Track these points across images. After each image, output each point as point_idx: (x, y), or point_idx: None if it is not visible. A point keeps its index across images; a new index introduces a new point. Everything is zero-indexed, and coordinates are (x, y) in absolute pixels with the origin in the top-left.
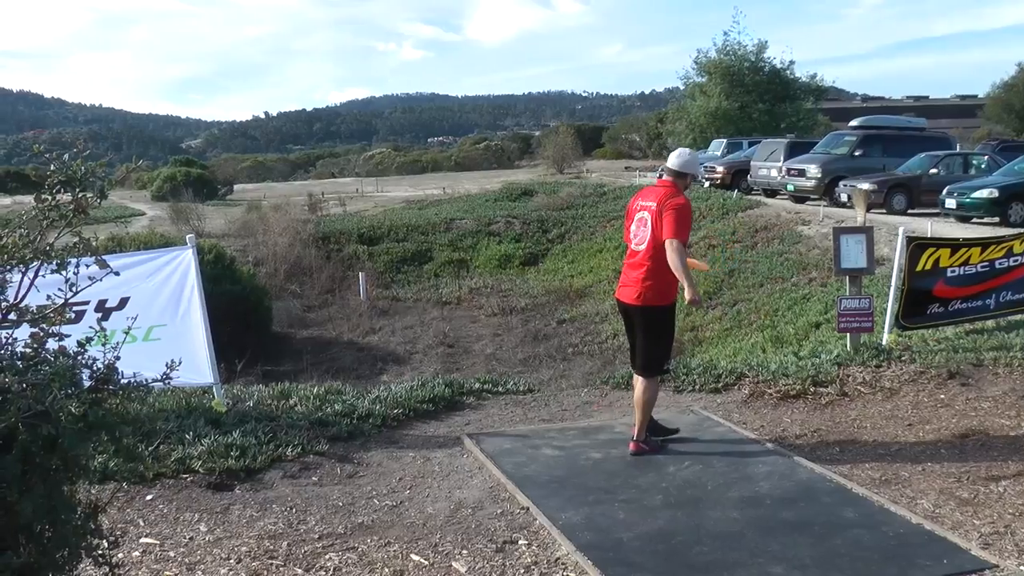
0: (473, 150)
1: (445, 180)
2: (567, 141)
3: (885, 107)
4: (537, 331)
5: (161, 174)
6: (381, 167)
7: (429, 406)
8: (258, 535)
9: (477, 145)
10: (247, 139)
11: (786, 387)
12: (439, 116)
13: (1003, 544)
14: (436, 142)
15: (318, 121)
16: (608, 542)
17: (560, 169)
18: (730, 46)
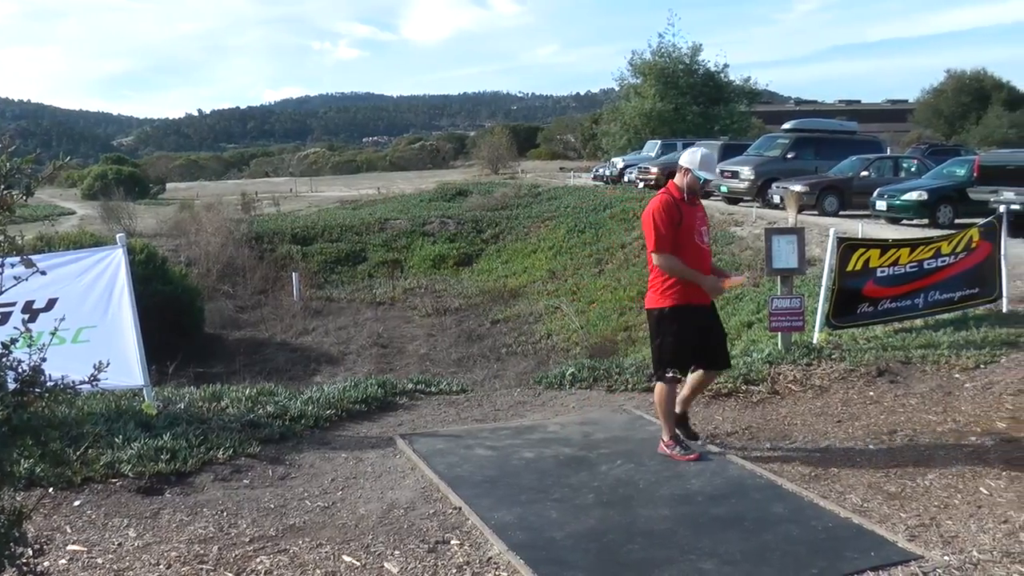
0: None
1: (380, 180)
2: (502, 141)
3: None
4: (471, 331)
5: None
6: (315, 167)
7: (362, 407)
8: (188, 539)
9: (412, 145)
10: (180, 137)
11: (718, 386)
12: (374, 116)
13: (928, 536)
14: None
15: (252, 120)
16: (540, 541)
17: (495, 169)
18: (665, 48)
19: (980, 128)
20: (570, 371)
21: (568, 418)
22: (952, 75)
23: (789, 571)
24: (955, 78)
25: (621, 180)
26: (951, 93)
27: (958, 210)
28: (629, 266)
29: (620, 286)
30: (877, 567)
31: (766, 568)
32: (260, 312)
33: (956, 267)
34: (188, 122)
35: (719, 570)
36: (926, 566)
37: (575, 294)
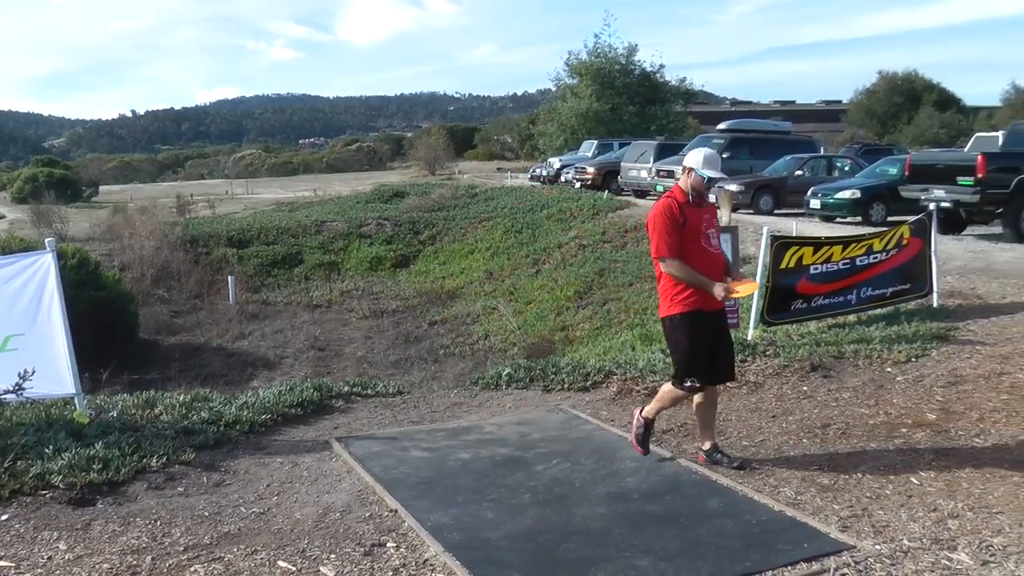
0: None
1: (316, 182)
2: (439, 142)
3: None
4: (408, 333)
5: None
6: (251, 168)
7: (297, 410)
8: (121, 551)
9: (349, 146)
10: (113, 138)
11: (653, 383)
12: (310, 117)
13: (860, 526)
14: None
15: (187, 121)
16: (476, 542)
17: (432, 170)
18: (601, 49)
19: (912, 128)
20: (506, 371)
21: (504, 418)
22: (884, 76)
23: (723, 564)
24: (887, 79)
25: (558, 180)
26: (883, 94)
27: (890, 208)
28: (566, 266)
29: (557, 286)
30: (810, 558)
31: (701, 562)
32: (196, 317)
33: (888, 263)
34: (121, 123)
35: (655, 566)
36: (858, 556)
37: (512, 294)
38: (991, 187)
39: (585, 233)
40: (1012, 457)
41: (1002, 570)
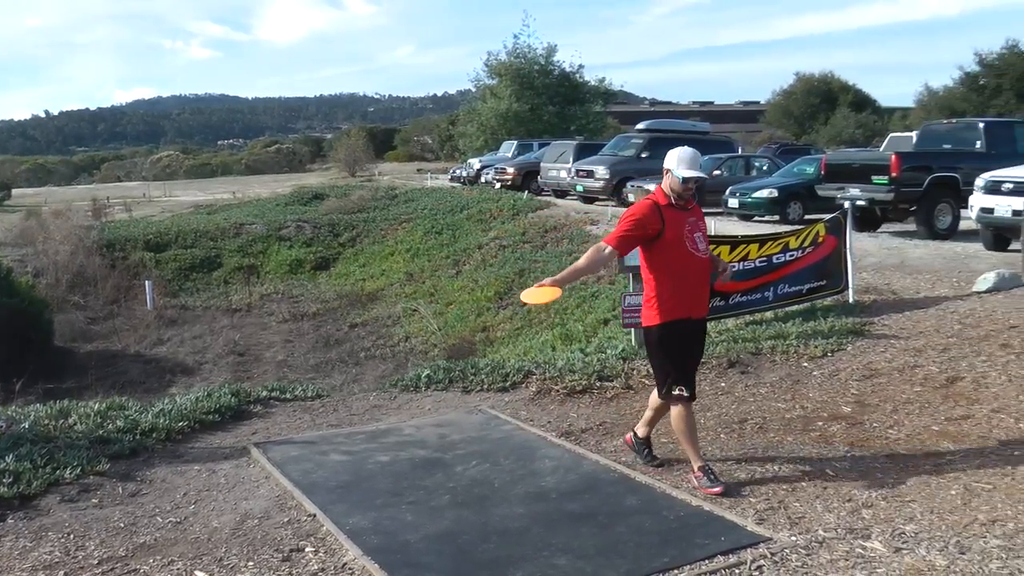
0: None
1: (235, 184)
2: (359, 144)
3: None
4: (329, 336)
5: None
6: (169, 170)
7: (215, 417)
8: (32, 566)
9: (268, 148)
10: (26, 139)
11: (572, 383)
12: (229, 118)
13: (777, 518)
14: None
15: (103, 121)
16: (395, 544)
17: (352, 172)
18: (520, 49)
19: (828, 128)
20: (426, 373)
21: (424, 420)
22: (801, 78)
23: (641, 561)
24: (804, 80)
25: (478, 181)
26: (800, 95)
27: (807, 206)
28: (486, 267)
29: (478, 287)
30: (727, 551)
31: (619, 560)
32: (113, 323)
33: (804, 261)
34: (34, 124)
35: (573, 565)
36: (774, 547)
37: (433, 296)
38: (905, 186)
39: (505, 234)
40: (924, 447)
41: (914, 556)
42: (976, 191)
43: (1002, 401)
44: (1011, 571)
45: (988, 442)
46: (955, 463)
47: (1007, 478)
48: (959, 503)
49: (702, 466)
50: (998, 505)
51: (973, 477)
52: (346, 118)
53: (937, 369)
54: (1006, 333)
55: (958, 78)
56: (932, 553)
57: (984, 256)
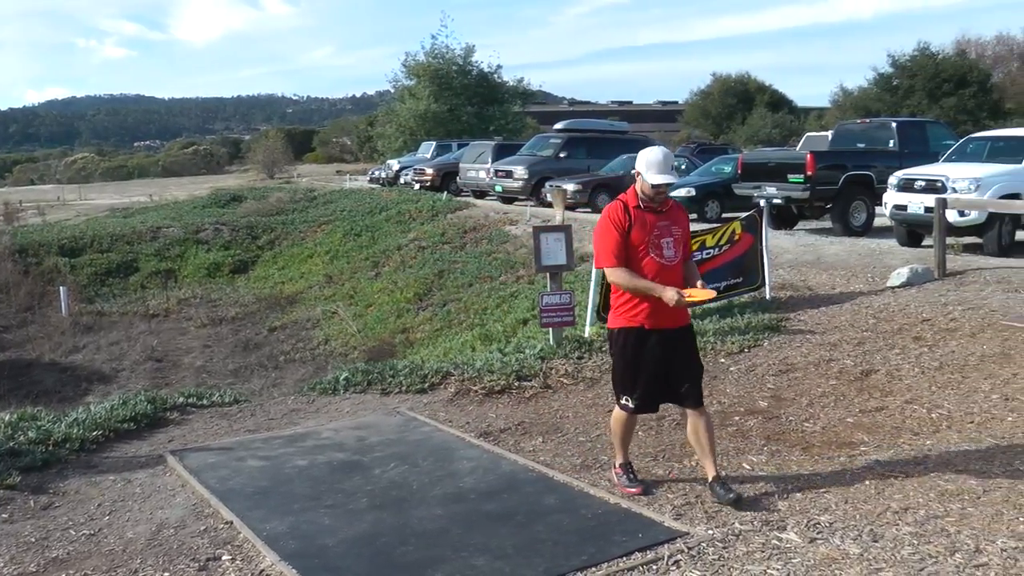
0: (181, 155)
1: (152, 186)
2: (277, 145)
3: (592, 111)
4: (248, 340)
5: None
6: (84, 173)
7: (131, 425)
8: None
9: (185, 149)
10: None
11: (491, 383)
12: (145, 119)
13: (694, 513)
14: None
15: (14, 123)
16: (313, 549)
17: (271, 174)
18: (438, 50)
19: (746, 128)
20: (344, 376)
21: (342, 423)
22: (718, 78)
23: (559, 559)
24: (721, 81)
25: (397, 182)
26: (718, 95)
27: (724, 205)
28: (406, 268)
29: (397, 288)
30: (644, 548)
31: (537, 559)
32: (26, 331)
33: (721, 258)
34: None
35: (491, 564)
36: (691, 542)
37: (352, 298)
38: (820, 184)
39: (424, 235)
40: (839, 439)
41: (828, 545)
42: (890, 189)
43: (915, 392)
44: (922, 556)
45: (901, 433)
46: (869, 454)
47: (920, 467)
48: (873, 492)
49: (624, 463)
50: (911, 493)
51: (887, 467)
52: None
53: (852, 363)
54: (919, 326)
55: (872, 79)
56: (846, 542)
57: (898, 252)
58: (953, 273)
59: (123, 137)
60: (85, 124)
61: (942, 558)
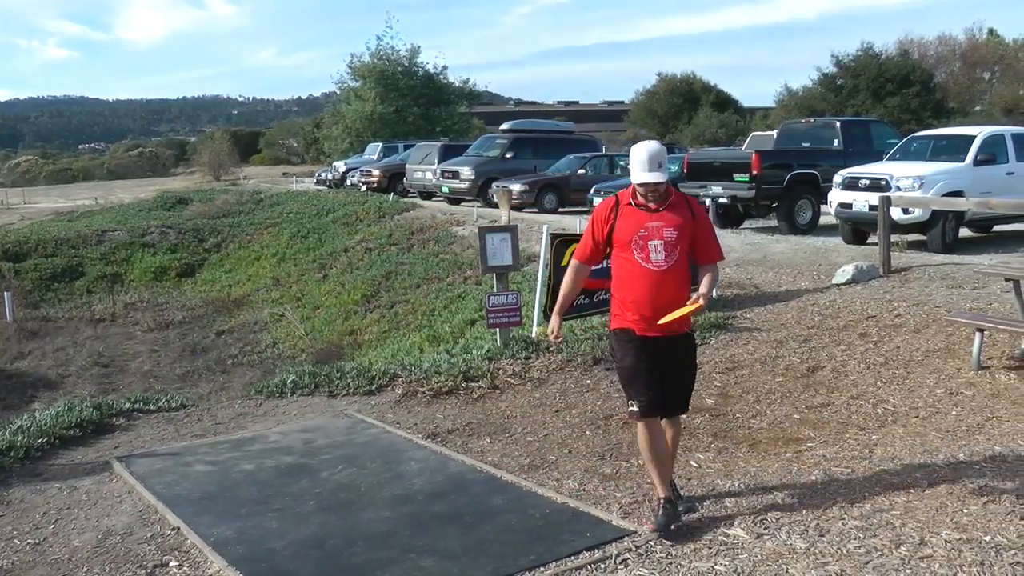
0: (126, 157)
1: (97, 189)
2: (223, 147)
3: (538, 111)
4: (195, 344)
5: None
6: (28, 176)
7: (77, 431)
8: None
9: (131, 152)
10: None
11: (439, 384)
12: (90, 121)
13: (642, 512)
14: (87, 148)
15: None
16: (260, 553)
17: (217, 176)
18: (383, 50)
19: (692, 127)
20: (291, 379)
21: (289, 426)
22: (664, 78)
23: (508, 560)
24: (666, 81)
25: (344, 184)
26: (663, 95)
27: None
28: (353, 270)
29: (344, 290)
30: (592, 546)
31: (485, 559)
32: None
33: None
34: None
35: (439, 566)
36: (639, 540)
37: (300, 300)
38: (766, 183)
39: (372, 236)
40: (785, 435)
41: (775, 541)
42: (835, 187)
43: (860, 388)
44: (868, 550)
45: (847, 428)
46: (815, 449)
47: (865, 461)
48: (819, 487)
49: (666, 498)
50: (856, 488)
51: (833, 462)
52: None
53: (798, 359)
54: (864, 323)
55: (816, 79)
56: (793, 537)
57: (843, 250)
58: (898, 270)
59: (67, 139)
60: (28, 126)
61: (887, 551)
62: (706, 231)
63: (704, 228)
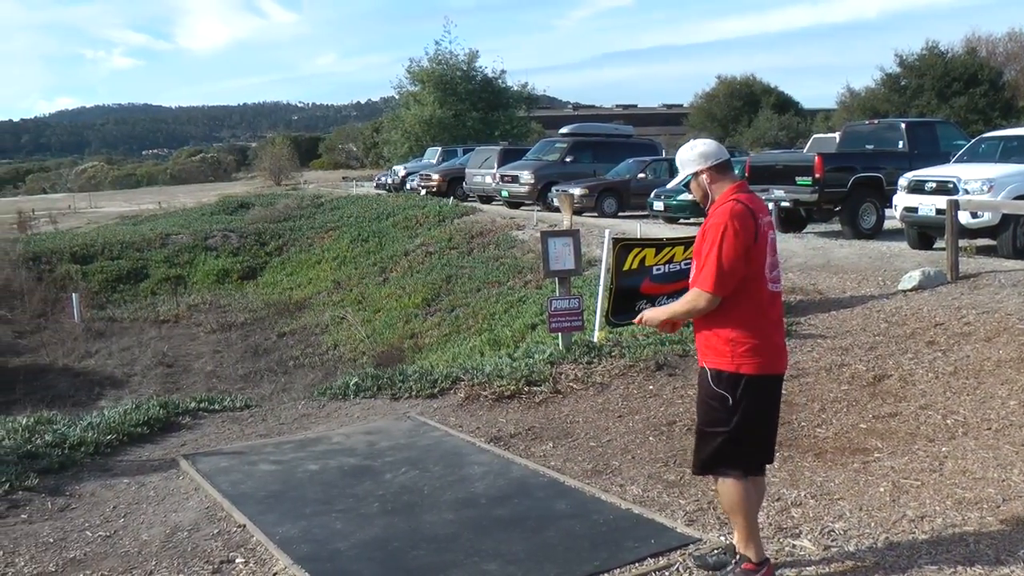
0: (189, 162)
1: (161, 194)
2: (284, 152)
3: (596, 115)
4: (257, 345)
5: None
6: (94, 181)
7: (144, 429)
8: None
9: (193, 157)
10: None
11: (501, 388)
12: (153, 127)
13: (706, 519)
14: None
15: (26, 133)
16: (325, 553)
17: (278, 181)
18: (442, 55)
19: (752, 131)
20: (354, 381)
21: (353, 428)
22: (723, 81)
23: (572, 565)
24: (726, 83)
25: (403, 188)
26: (723, 97)
27: None
28: (413, 273)
29: (405, 293)
30: (656, 553)
31: (549, 564)
32: (40, 336)
33: None
34: None
35: (503, 570)
36: (704, 548)
37: (360, 303)
38: (829, 186)
39: (432, 240)
40: (852, 445)
41: (843, 553)
42: (899, 191)
43: (929, 398)
44: (939, 566)
45: (916, 439)
46: (883, 460)
47: (935, 474)
48: (888, 500)
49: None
50: (926, 501)
51: (901, 474)
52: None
53: (864, 367)
54: (932, 330)
55: (879, 79)
56: (861, 550)
57: (909, 255)
58: (966, 276)
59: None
60: (94, 133)
61: (961, 569)
62: (703, 247)
63: (704, 244)
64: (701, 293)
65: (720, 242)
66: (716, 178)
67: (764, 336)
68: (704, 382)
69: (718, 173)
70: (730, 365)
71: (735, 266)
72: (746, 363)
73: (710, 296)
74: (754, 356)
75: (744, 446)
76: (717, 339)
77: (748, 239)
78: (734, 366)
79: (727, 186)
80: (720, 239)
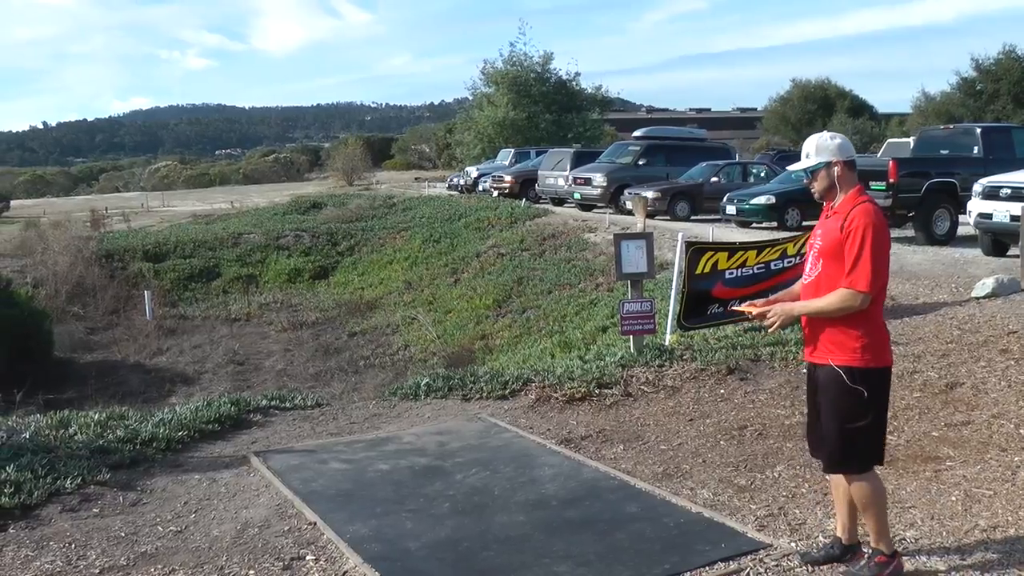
0: (262, 163)
1: (233, 194)
2: (356, 153)
3: (670, 118)
4: (328, 345)
5: None
6: (167, 180)
7: (215, 426)
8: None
9: (266, 158)
10: (24, 151)
11: (572, 390)
12: (226, 128)
13: (777, 525)
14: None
15: (101, 132)
16: (396, 552)
17: (350, 181)
18: (516, 57)
19: None
20: (425, 381)
21: (423, 428)
22: (797, 84)
23: (642, 568)
24: (800, 87)
25: (476, 189)
26: (797, 101)
27: (805, 213)
28: (485, 275)
29: (476, 295)
30: (727, 558)
31: (619, 567)
32: (112, 333)
33: (802, 267)
34: (33, 135)
35: (573, 572)
36: (774, 553)
37: (431, 304)
38: (903, 191)
39: (503, 242)
40: (924, 453)
41: (914, 562)
42: (974, 196)
43: (1002, 407)
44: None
45: (988, 448)
46: (955, 469)
47: (1007, 484)
48: (960, 509)
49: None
50: (999, 511)
51: (974, 483)
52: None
53: (936, 375)
54: (1005, 339)
55: (955, 83)
56: (933, 560)
57: (983, 261)
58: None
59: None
60: (168, 133)
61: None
62: (851, 247)
63: (850, 244)
64: (856, 293)
65: (872, 242)
66: (846, 174)
67: (884, 330)
68: (836, 380)
69: (849, 170)
70: (860, 361)
71: (885, 266)
72: (874, 358)
73: (864, 296)
74: (879, 350)
75: (883, 436)
76: (846, 336)
77: (889, 239)
78: (863, 361)
79: (854, 186)
80: (871, 239)
